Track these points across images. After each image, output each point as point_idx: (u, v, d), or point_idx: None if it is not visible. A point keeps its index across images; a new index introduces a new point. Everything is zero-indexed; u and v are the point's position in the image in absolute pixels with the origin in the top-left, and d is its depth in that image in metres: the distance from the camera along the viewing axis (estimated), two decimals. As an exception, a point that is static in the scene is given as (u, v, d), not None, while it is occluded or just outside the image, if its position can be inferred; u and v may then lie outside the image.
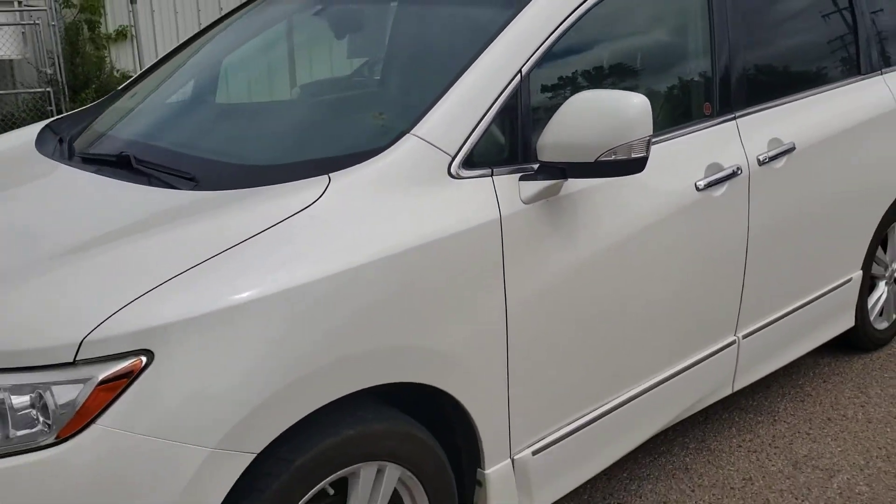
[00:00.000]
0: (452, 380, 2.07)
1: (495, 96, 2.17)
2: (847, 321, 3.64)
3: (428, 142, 2.06)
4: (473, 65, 2.18)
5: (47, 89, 10.16)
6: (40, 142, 2.72)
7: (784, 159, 2.99)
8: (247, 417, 1.69)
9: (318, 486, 1.88)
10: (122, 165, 2.26)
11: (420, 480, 2.09)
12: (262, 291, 1.72)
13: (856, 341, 3.86)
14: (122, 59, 11.12)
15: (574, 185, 2.30)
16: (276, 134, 2.42)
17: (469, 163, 2.12)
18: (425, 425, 2.15)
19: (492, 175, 2.15)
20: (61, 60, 10.21)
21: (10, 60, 10.43)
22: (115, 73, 10.65)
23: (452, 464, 2.23)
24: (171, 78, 2.99)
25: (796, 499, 2.83)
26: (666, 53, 2.76)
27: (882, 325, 3.96)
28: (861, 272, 3.63)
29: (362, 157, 2.01)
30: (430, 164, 2.05)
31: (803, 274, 3.26)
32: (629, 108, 2.07)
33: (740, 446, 3.15)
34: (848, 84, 3.45)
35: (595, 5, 2.43)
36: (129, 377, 1.60)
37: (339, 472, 1.92)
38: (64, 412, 1.58)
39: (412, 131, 2.06)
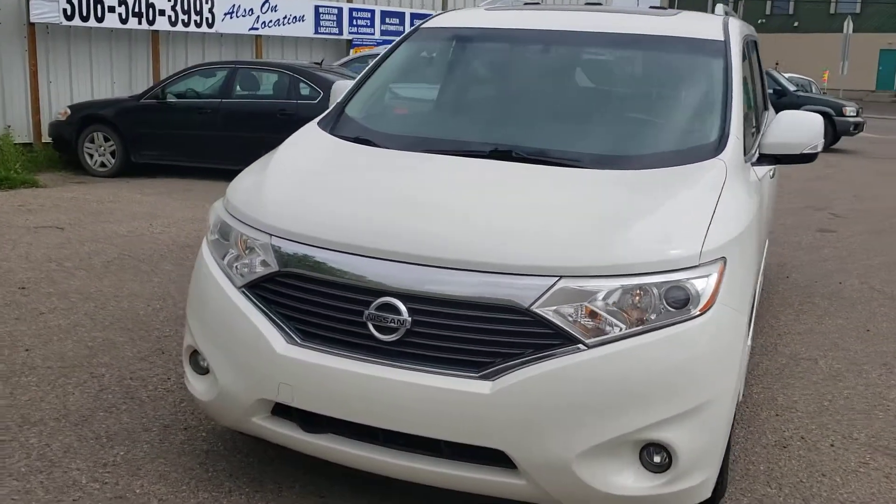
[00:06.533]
0: None
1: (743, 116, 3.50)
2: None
3: (739, 140, 3.32)
4: (731, 98, 3.45)
5: None
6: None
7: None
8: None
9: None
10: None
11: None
12: (745, 224, 2.91)
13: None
14: None
15: (756, 172, 3.67)
16: (660, 135, 3.52)
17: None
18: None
19: (749, 161, 3.48)
20: None
21: None
22: None
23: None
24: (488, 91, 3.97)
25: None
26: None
27: (759, 279, 5.94)
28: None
29: (719, 150, 3.20)
30: (741, 153, 3.31)
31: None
32: (817, 123, 3.55)
33: (750, 353, 4.76)
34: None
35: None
36: (721, 273, 2.65)
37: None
38: (700, 295, 2.57)
39: (734, 134, 3.30)
